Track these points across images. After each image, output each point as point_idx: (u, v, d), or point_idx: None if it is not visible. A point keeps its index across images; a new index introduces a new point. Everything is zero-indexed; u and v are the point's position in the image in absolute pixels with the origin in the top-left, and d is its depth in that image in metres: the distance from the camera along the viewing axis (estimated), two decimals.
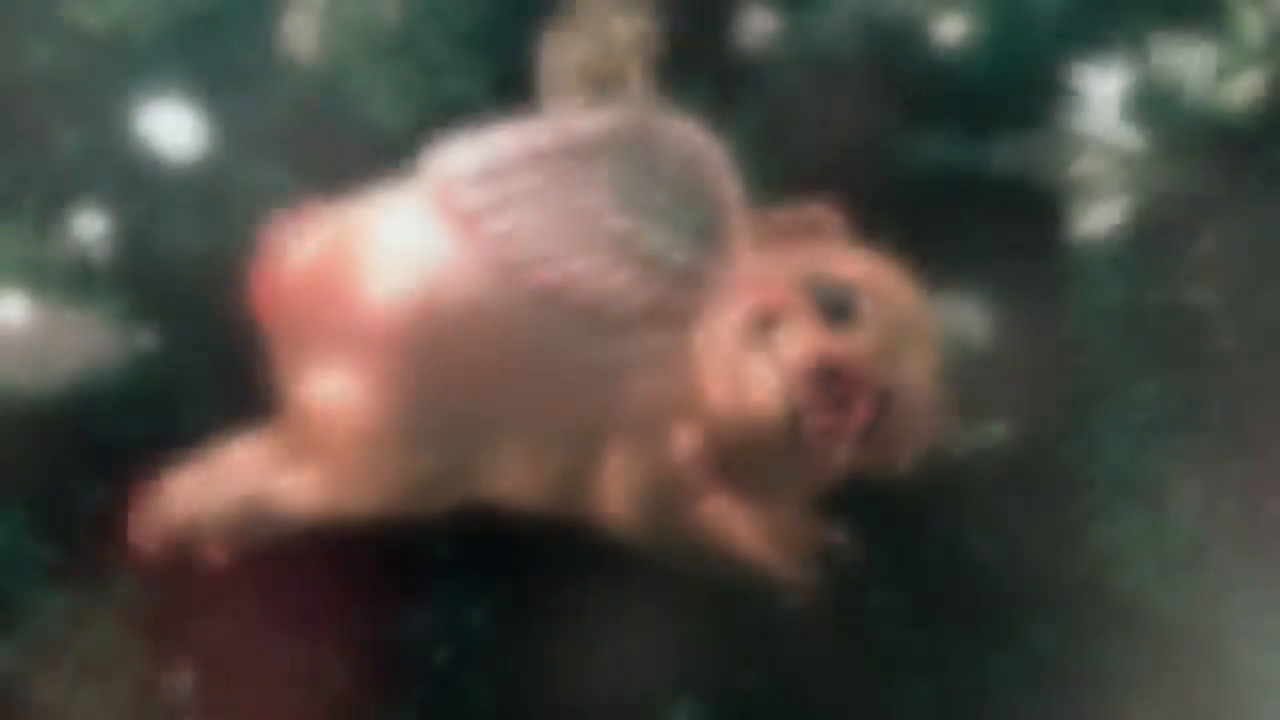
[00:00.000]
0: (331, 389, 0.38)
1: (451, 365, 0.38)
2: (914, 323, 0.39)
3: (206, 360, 0.50)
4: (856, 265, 0.39)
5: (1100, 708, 0.46)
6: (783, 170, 0.67)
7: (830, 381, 0.36)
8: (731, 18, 1.00)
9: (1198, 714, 0.45)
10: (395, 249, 0.38)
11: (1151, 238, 0.42)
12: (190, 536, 0.40)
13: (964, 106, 0.69)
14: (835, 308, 0.38)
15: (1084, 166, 0.49)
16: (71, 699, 0.43)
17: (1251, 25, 0.49)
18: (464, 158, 0.38)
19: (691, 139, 0.39)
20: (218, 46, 0.56)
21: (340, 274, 0.38)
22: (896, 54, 0.75)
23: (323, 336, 0.38)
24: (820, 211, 0.42)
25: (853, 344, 0.37)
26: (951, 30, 0.66)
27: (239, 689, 0.43)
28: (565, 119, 0.39)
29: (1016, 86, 0.67)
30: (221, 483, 0.40)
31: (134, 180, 0.57)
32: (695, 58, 0.79)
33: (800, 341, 0.37)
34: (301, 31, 0.54)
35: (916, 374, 0.39)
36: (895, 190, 0.69)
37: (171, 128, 0.55)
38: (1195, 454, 0.44)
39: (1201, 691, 0.46)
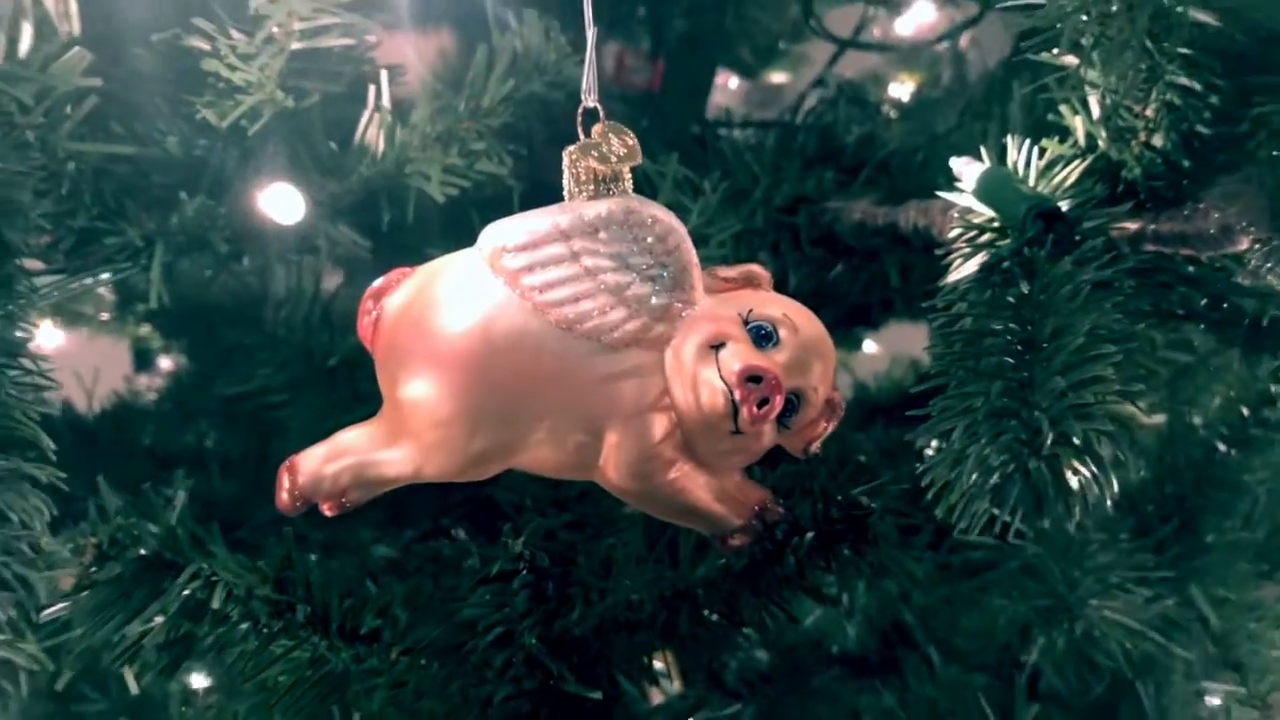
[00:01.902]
0: (417, 392, 0.54)
1: (499, 375, 0.54)
2: (817, 346, 0.56)
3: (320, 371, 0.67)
4: (778, 306, 0.56)
5: None
6: (742, 220, 0.84)
7: (757, 385, 0.53)
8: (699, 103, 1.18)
9: None
10: (461, 296, 0.54)
11: (993, 285, 0.59)
12: (315, 494, 0.57)
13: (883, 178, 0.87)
14: (762, 335, 0.55)
15: (956, 230, 0.65)
16: None
17: (1076, 130, 0.66)
18: (508, 232, 0.55)
19: (664, 219, 0.55)
20: (310, 139, 0.72)
21: (423, 313, 0.55)
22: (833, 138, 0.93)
23: (411, 356, 0.55)
24: (754, 268, 0.59)
25: (773, 360, 0.54)
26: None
27: None
28: (578, 205, 0.55)
29: (921, 166, 0.85)
30: (339, 456, 0.57)
31: (244, 237, 0.73)
32: (670, 141, 0.97)
33: (737, 358, 0.53)
34: (374, 128, 0.71)
35: (819, 383, 0.56)
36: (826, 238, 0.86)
37: (274, 198, 0.71)
38: None
39: None
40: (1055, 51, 0.61)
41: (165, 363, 1.22)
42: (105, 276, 0.73)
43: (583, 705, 0.57)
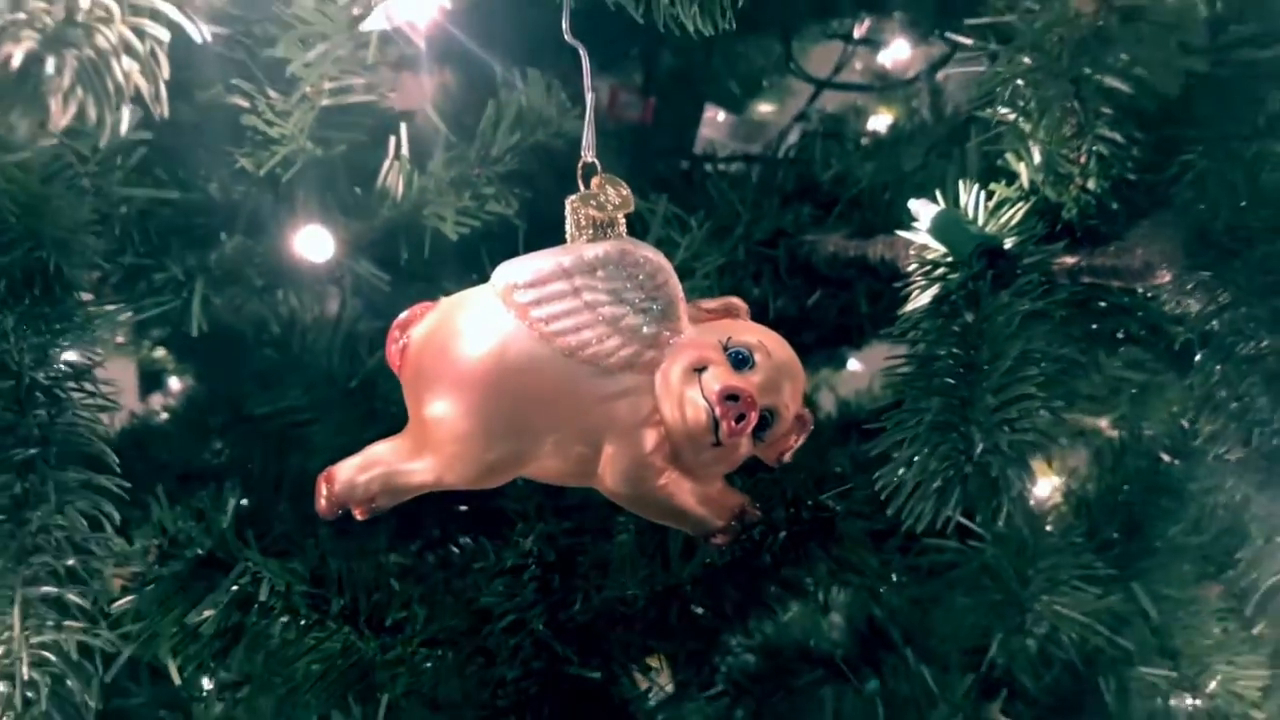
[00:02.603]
0: (439, 410, 0.62)
1: (511, 396, 0.62)
2: (788, 369, 0.64)
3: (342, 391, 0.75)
4: (754, 334, 0.64)
5: None
6: (726, 254, 0.92)
7: (735, 403, 0.61)
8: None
9: None
10: (478, 327, 0.62)
11: (943, 314, 0.67)
12: (349, 500, 0.65)
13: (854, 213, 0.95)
14: (739, 359, 0.63)
15: (913, 265, 0.74)
16: None
17: (1021, 175, 0.75)
18: (518, 271, 0.63)
19: (654, 258, 0.63)
20: (336, 184, 0.80)
21: (445, 341, 0.63)
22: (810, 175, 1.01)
23: (435, 379, 0.62)
24: (733, 301, 0.67)
25: (749, 381, 0.62)
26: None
27: None
28: (579, 247, 0.63)
29: (889, 203, 0.93)
30: (370, 467, 0.65)
31: (276, 272, 0.81)
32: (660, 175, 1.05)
33: (717, 379, 0.61)
34: (394, 174, 0.79)
35: (790, 401, 0.64)
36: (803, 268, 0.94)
37: (305, 238, 0.79)
38: None
39: None
40: (999, 108, 0.69)
41: (174, 384, 1.30)
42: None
43: (584, 685, 0.65)
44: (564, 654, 0.64)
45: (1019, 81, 0.64)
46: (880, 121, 1.58)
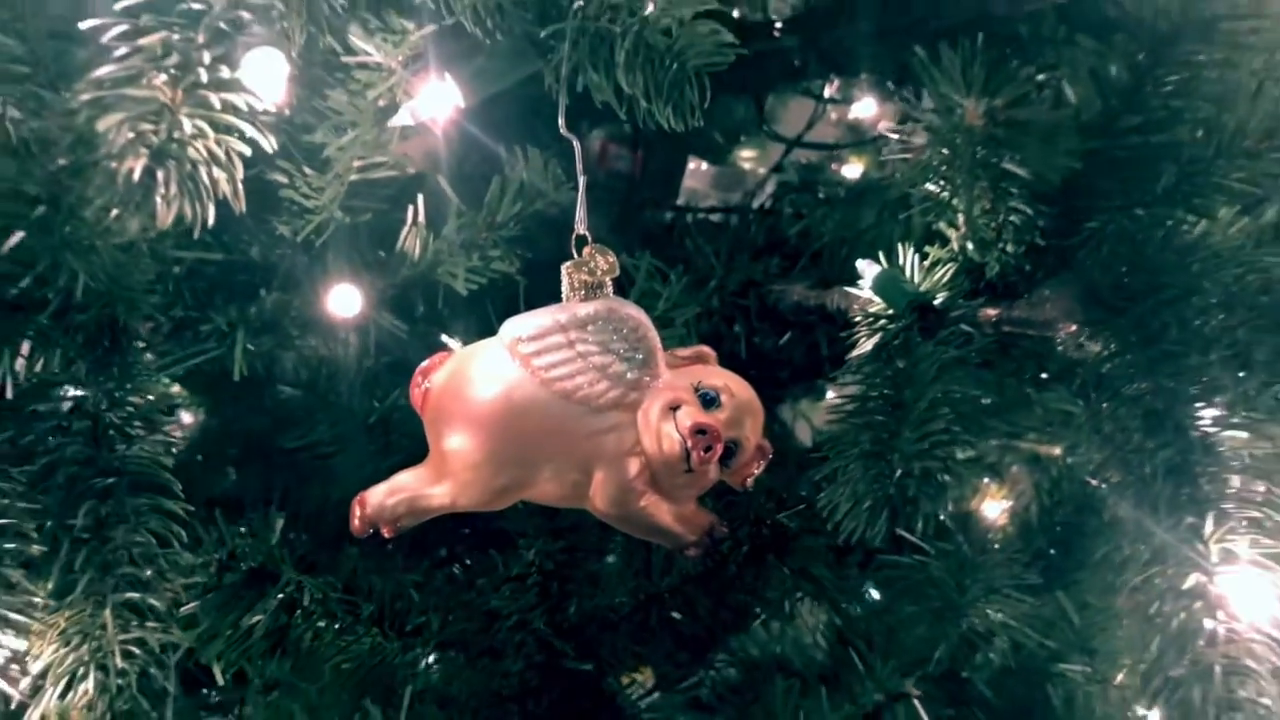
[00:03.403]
0: (455, 444, 0.74)
1: (516, 432, 0.73)
2: (750, 407, 0.76)
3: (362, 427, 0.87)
4: (720, 378, 0.76)
5: None
6: (702, 303, 1.05)
7: (703, 436, 0.73)
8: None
9: None
10: (488, 373, 0.73)
11: (881, 360, 0.79)
12: (379, 520, 0.76)
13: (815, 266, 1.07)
14: (708, 399, 0.75)
15: (859, 317, 0.86)
16: None
17: (952, 238, 0.87)
18: (522, 326, 0.74)
19: (636, 315, 0.75)
20: (361, 247, 0.92)
21: (461, 386, 0.74)
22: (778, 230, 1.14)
23: (452, 418, 0.74)
24: (703, 349, 0.79)
25: (716, 418, 0.74)
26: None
27: None
28: (573, 306, 0.74)
29: (845, 258, 1.05)
30: (397, 492, 0.76)
31: (309, 323, 0.93)
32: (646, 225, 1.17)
33: (689, 416, 0.73)
34: (412, 238, 0.91)
35: (751, 434, 0.76)
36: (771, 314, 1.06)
37: (337, 295, 0.91)
38: None
39: None
40: (929, 185, 0.82)
41: (186, 417, 1.42)
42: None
43: (577, 678, 0.77)
44: (561, 649, 0.75)
45: (937, 163, 0.77)
46: (853, 169, 1.72)
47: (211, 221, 0.59)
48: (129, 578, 0.69)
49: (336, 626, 0.78)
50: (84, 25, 0.60)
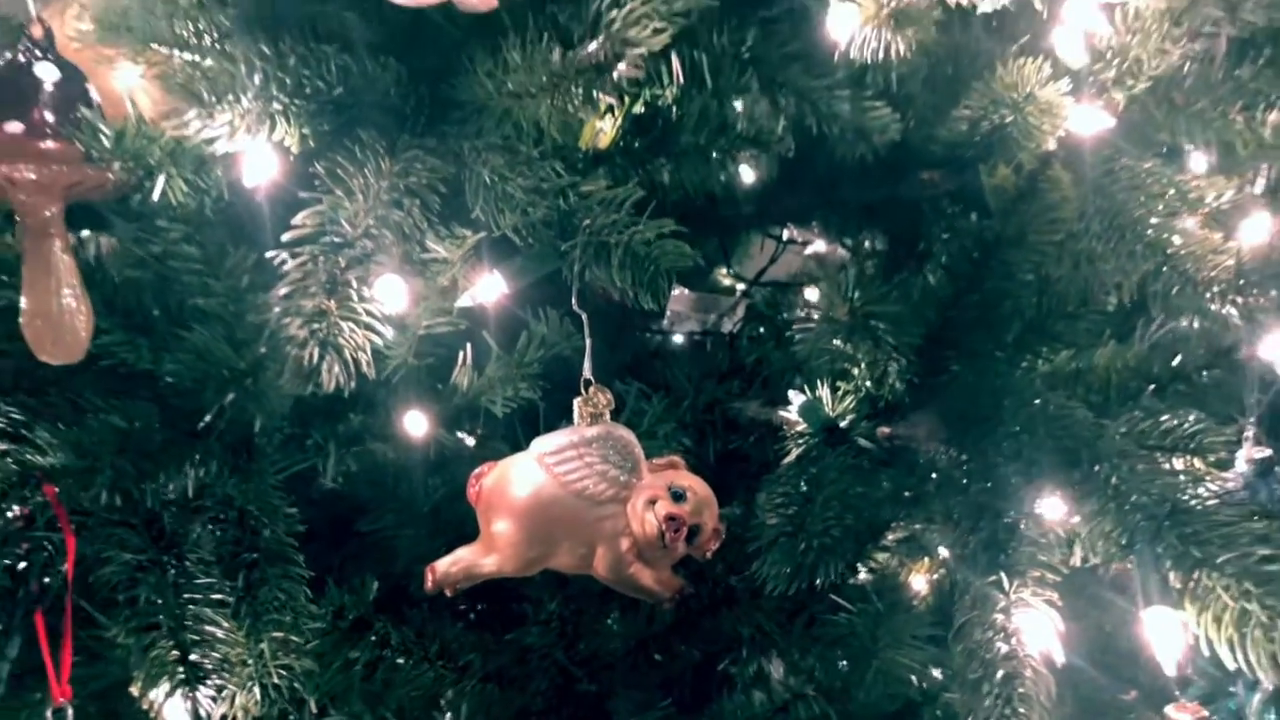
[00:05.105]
0: (500, 528, 1.05)
1: (542, 519, 1.04)
2: (708, 501, 1.07)
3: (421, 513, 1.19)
4: (687, 480, 1.07)
5: None
6: (677, 419, 1.37)
7: (675, 523, 1.04)
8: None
9: None
10: (522, 478, 1.05)
11: (802, 467, 1.11)
12: (444, 583, 1.07)
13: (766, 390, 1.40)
14: (678, 495, 1.06)
15: (790, 433, 1.18)
16: None
17: (856, 375, 1.20)
18: (546, 444, 1.06)
19: (627, 436, 1.07)
20: (423, 382, 1.24)
21: (503, 486, 1.05)
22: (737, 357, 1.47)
23: (497, 509, 1.05)
24: (675, 458, 1.11)
25: (683, 509, 1.05)
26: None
27: None
28: (582, 429, 1.06)
29: (789, 384, 1.38)
30: (457, 562, 1.07)
31: (387, 438, 1.25)
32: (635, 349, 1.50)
33: (664, 508, 1.04)
34: (463, 375, 1.23)
35: (709, 520, 1.07)
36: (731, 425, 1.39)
37: (407, 417, 1.23)
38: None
39: None
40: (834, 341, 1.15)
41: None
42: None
43: (590, 698, 1.07)
44: (575, 675, 1.06)
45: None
46: (814, 293, 2.05)
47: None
48: (274, 622, 1.00)
49: (410, 662, 1.08)
50: (269, 255, 0.94)
